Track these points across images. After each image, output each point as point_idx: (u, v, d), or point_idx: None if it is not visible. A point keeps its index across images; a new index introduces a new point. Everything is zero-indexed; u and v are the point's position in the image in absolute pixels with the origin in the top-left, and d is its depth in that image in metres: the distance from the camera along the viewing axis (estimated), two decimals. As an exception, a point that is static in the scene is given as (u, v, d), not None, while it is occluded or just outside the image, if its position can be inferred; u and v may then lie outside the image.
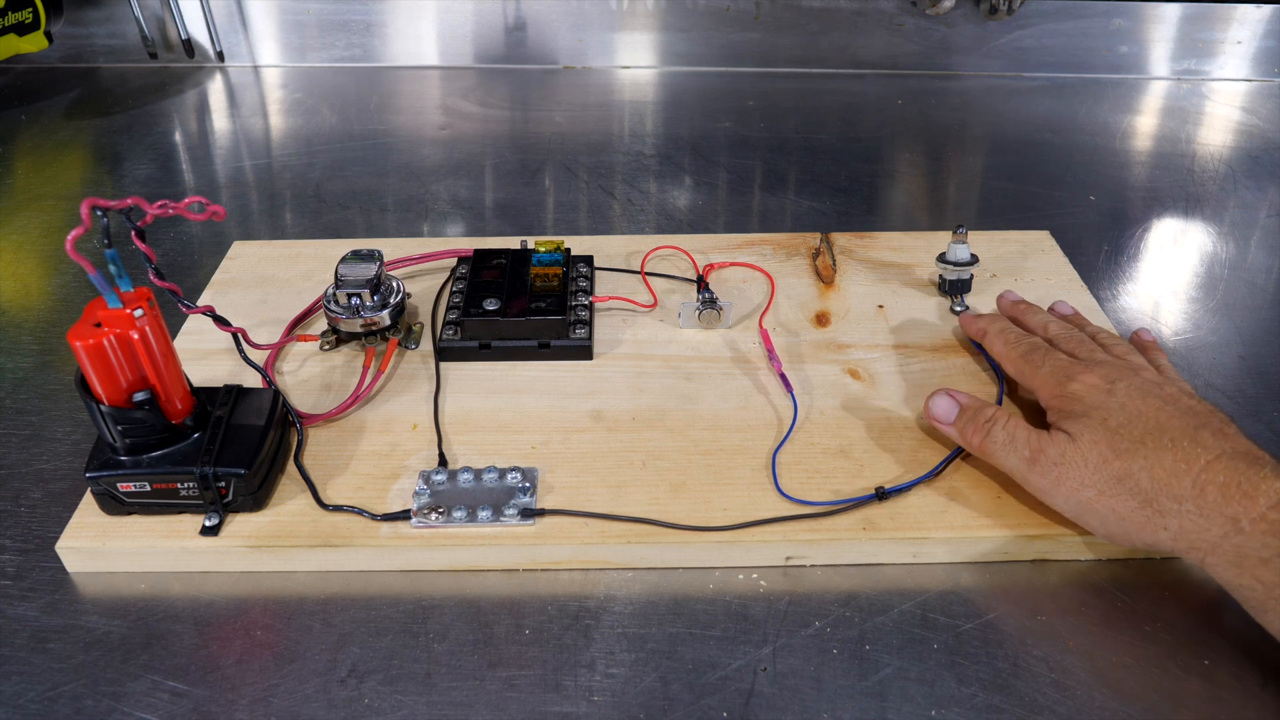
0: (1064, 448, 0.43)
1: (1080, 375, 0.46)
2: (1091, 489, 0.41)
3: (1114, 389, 0.44)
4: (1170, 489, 0.40)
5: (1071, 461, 0.42)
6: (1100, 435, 0.42)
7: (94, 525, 0.45)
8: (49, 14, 0.93)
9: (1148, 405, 0.43)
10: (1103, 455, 0.41)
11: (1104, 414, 0.43)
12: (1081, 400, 0.44)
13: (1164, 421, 0.42)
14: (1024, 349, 0.50)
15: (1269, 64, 0.99)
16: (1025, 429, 0.45)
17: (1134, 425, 0.42)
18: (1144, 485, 0.40)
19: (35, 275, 0.68)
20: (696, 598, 0.44)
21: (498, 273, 0.59)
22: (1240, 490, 0.38)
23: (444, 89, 0.98)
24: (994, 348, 0.52)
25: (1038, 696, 0.40)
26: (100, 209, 0.39)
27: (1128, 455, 0.41)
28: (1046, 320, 0.53)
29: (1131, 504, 0.40)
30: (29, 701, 0.39)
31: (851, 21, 0.99)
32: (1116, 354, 0.48)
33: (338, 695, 0.40)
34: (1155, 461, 0.40)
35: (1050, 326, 0.52)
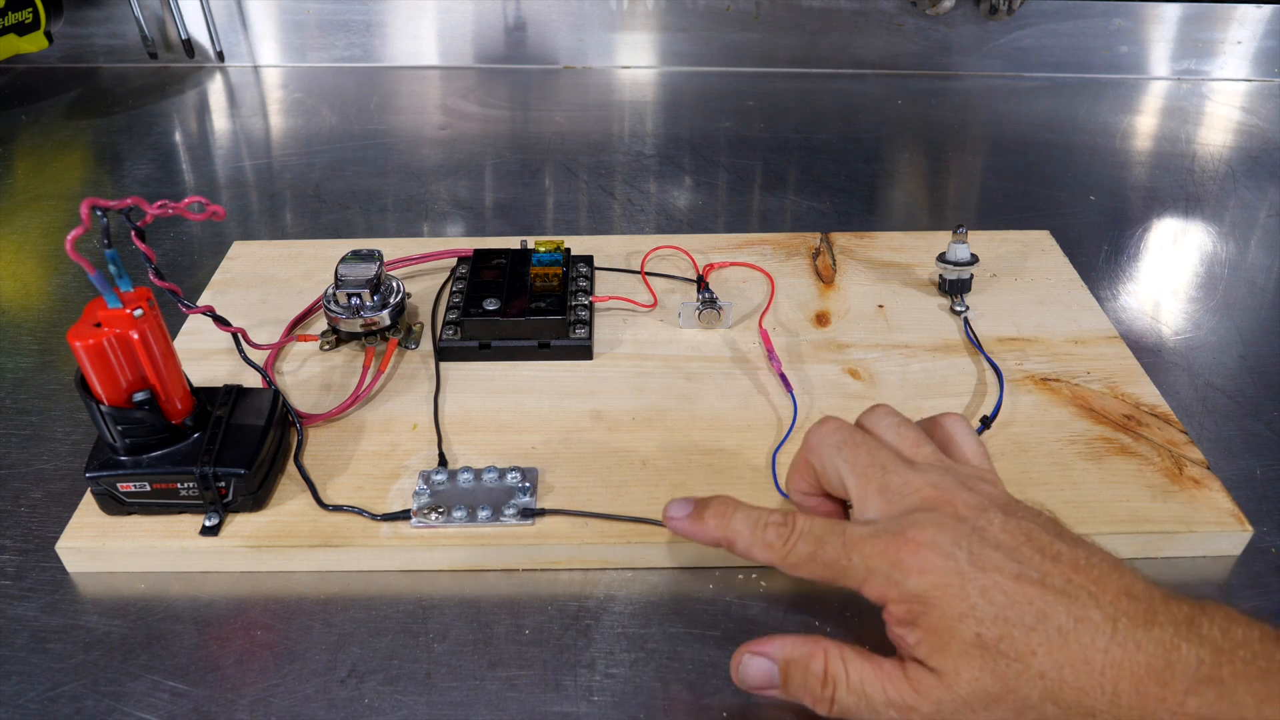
0: (938, 697, 0.32)
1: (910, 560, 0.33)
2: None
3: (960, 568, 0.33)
4: (1082, 704, 0.31)
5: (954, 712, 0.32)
6: (977, 661, 0.32)
7: (94, 525, 0.45)
8: (49, 14, 0.93)
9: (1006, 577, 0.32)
10: (989, 691, 0.32)
11: (972, 622, 0.32)
12: (932, 606, 0.33)
13: (1039, 603, 0.32)
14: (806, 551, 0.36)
15: (1269, 64, 0.99)
16: (878, 683, 0.34)
17: (1011, 626, 0.32)
18: (1050, 713, 0.31)
19: (35, 275, 0.68)
20: (696, 598, 0.44)
21: (498, 273, 0.59)
22: (1154, 679, 0.31)
23: (444, 89, 0.98)
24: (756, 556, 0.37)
25: (1038, 696, 0.39)
26: (100, 209, 0.39)
27: (1021, 679, 0.31)
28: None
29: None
30: (29, 701, 0.39)
31: (851, 21, 0.99)
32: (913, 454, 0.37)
33: (338, 695, 0.40)
34: (1054, 677, 0.31)
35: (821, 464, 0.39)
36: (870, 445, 0.38)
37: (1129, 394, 0.53)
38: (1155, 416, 0.51)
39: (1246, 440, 0.53)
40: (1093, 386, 0.54)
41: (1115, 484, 0.47)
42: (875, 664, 0.34)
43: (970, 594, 0.32)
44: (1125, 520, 0.45)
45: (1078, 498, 0.46)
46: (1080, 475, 0.48)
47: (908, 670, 0.34)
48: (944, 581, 0.33)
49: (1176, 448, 0.49)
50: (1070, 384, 0.54)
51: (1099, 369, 0.55)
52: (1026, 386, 0.53)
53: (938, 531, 0.34)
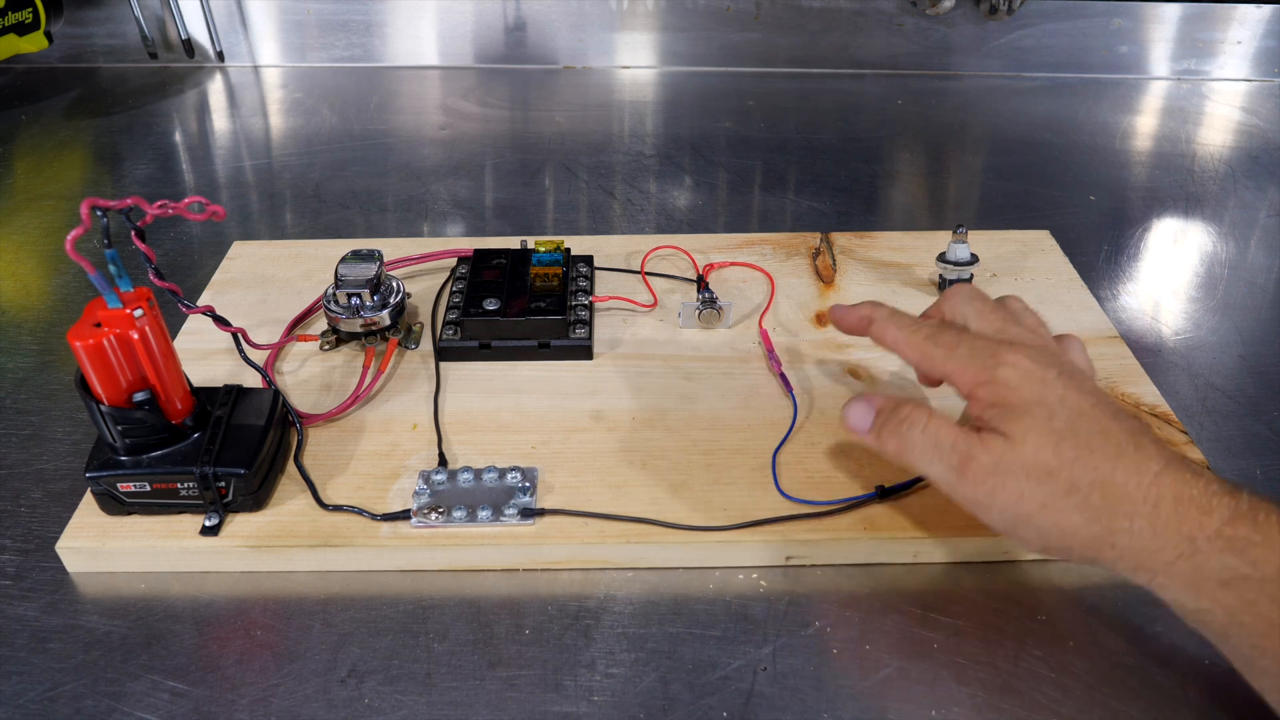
0: (1000, 454, 0.37)
1: (1009, 357, 0.38)
2: (1033, 502, 0.36)
3: (1049, 378, 0.38)
4: (1123, 505, 0.35)
5: (1010, 470, 0.37)
6: (1045, 439, 0.36)
7: (94, 525, 0.45)
8: (49, 14, 0.93)
9: (1086, 402, 0.37)
10: (1048, 464, 0.36)
11: (1046, 411, 0.37)
12: (1015, 391, 0.37)
13: (1108, 425, 0.37)
14: (928, 330, 0.42)
15: (1269, 64, 0.99)
16: (951, 431, 0.39)
17: (1079, 427, 0.36)
18: (1094, 500, 0.36)
19: (35, 275, 0.68)
20: (696, 598, 0.44)
21: (498, 273, 0.59)
22: (1195, 505, 0.35)
23: (444, 89, 0.98)
24: (886, 335, 0.43)
25: (1038, 696, 0.40)
26: (100, 209, 0.39)
27: (1077, 465, 0.36)
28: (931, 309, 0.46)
29: (1078, 520, 0.36)
30: (29, 701, 0.39)
31: (851, 21, 0.99)
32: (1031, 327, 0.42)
33: (338, 695, 0.40)
34: (1107, 473, 0.36)
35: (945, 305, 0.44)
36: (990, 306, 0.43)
37: (1129, 394, 0.53)
38: (1155, 416, 0.51)
39: (1246, 440, 0.53)
40: (1093, 386, 0.54)
41: (1115, 484, 0.47)
42: (953, 423, 0.39)
43: (1050, 396, 0.37)
44: (1125, 520, 0.45)
45: (1078, 498, 0.46)
46: (1080, 475, 0.48)
47: (981, 432, 0.38)
48: (1031, 379, 0.38)
49: (1177, 448, 0.49)
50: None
51: (1099, 369, 0.55)
52: (1026, 386, 0.53)
53: (1038, 354, 0.39)
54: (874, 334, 0.44)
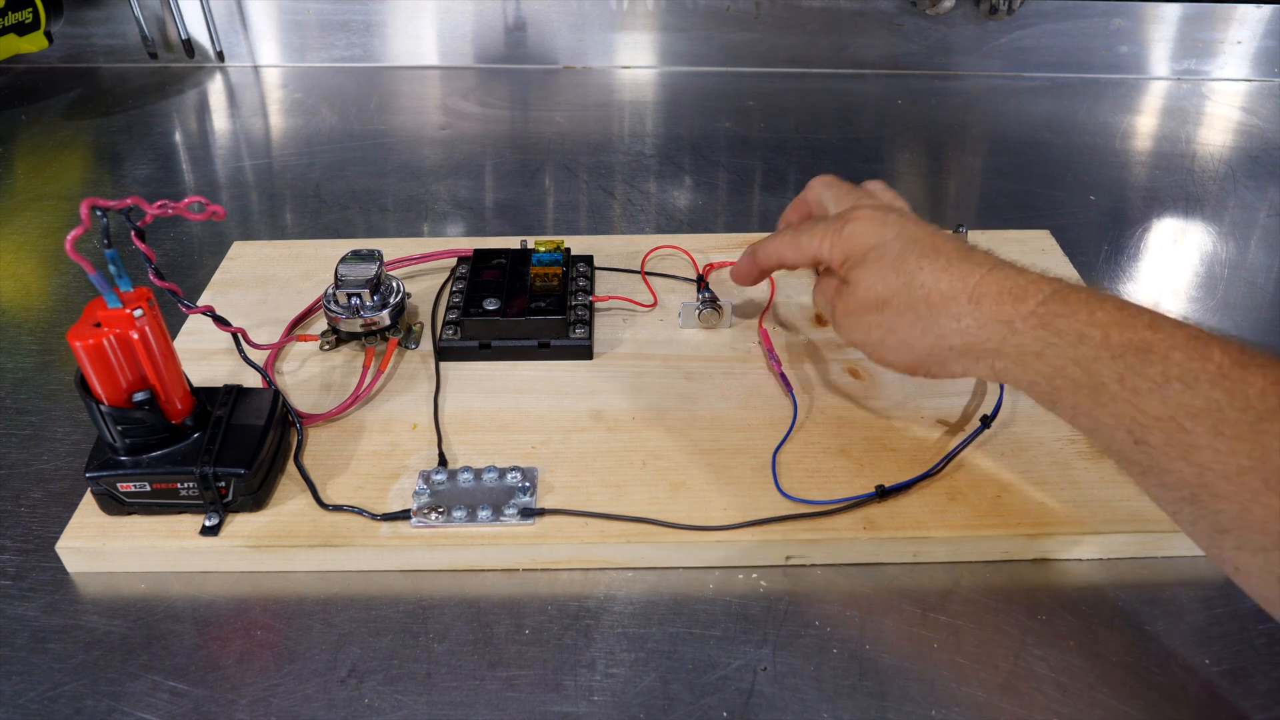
0: (847, 298, 0.44)
1: (854, 214, 0.46)
2: (879, 329, 0.43)
3: (888, 219, 0.45)
4: (949, 308, 0.41)
5: (856, 310, 0.44)
6: (878, 273, 0.43)
7: (94, 525, 0.45)
8: (49, 14, 0.93)
9: (923, 231, 0.44)
10: (879, 295, 0.43)
11: (881, 249, 0.44)
12: (860, 239, 0.45)
13: (940, 244, 0.43)
14: (793, 229, 0.49)
15: (1269, 64, 0.99)
16: (826, 285, 0.47)
17: (909, 252, 0.43)
18: (922, 310, 0.42)
19: (35, 275, 0.68)
20: (696, 598, 0.44)
21: (498, 273, 0.59)
22: (1011, 295, 0.40)
23: (444, 89, 0.98)
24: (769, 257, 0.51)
25: (1038, 696, 0.40)
26: (100, 209, 0.39)
27: (905, 288, 0.42)
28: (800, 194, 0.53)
29: (916, 332, 0.42)
30: (29, 701, 0.39)
31: (851, 21, 0.99)
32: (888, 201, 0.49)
33: (338, 695, 0.40)
34: (932, 284, 0.41)
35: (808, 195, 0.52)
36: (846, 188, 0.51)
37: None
38: (1155, 416, 0.51)
39: (1246, 440, 0.53)
40: (1093, 386, 0.53)
41: (1115, 483, 0.47)
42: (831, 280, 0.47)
43: (888, 234, 0.44)
44: (1125, 520, 0.45)
45: (1078, 497, 0.46)
46: (1080, 475, 0.48)
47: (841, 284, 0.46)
48: (872, 223, 0.45)
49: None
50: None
51: (1099, 369, 0.55)
52: (1026, 386, 0.53)
53: (875, 211, 0.46)
54: (760, 263, 0.52)
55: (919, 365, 0.43)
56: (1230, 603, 0.43)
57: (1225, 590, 0.44)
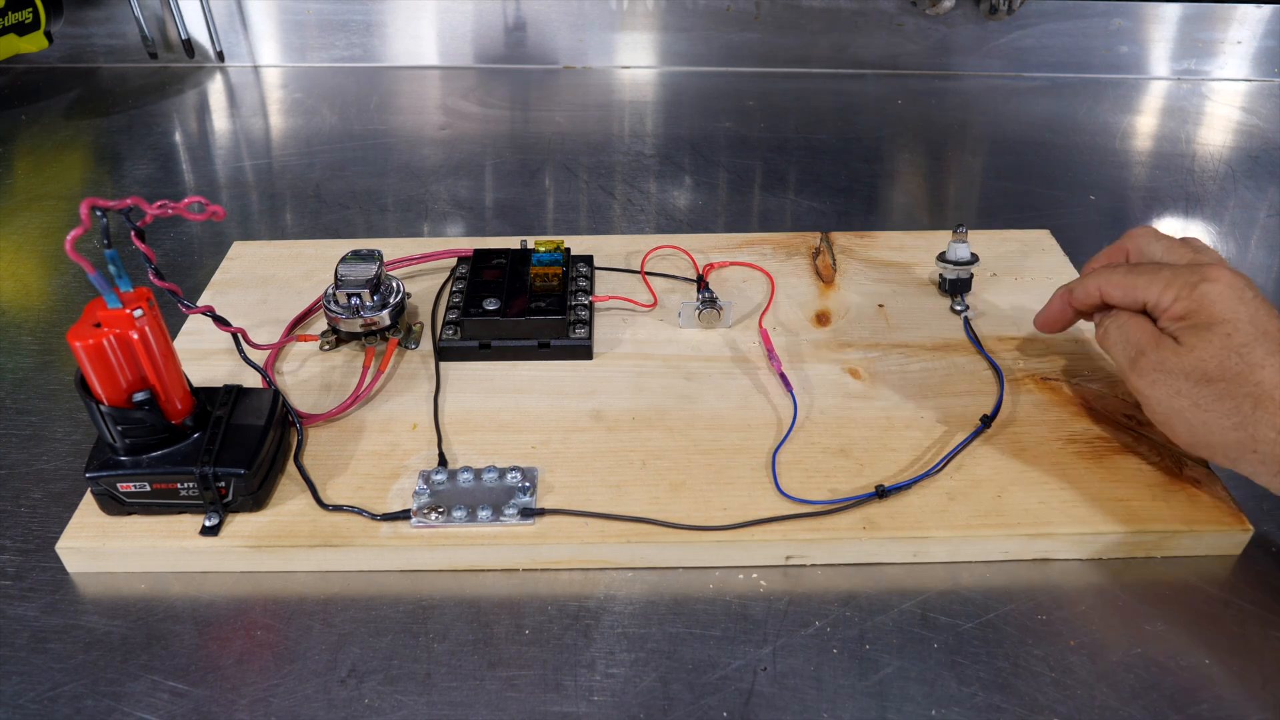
0: (1168, 355, 0.42)
1: (1212, 273, 0.42)
2: (1186, 399, 0.41)
3: (1247, 296, 0.41)
4: (1271, 416, 0.39)
5: (1172, 370, 0.41)
6: (1216, 351, 0.40)
7: (94, 525, 0.45)
8: (49, 14, 0.93)
9: (1273, 320, 0.41)
10: (1208, 372, 0.40)
11: (1230, 325, 0.41)
12: (1213, 304, 0.41)
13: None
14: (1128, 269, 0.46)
15: (1269, 64, 0.99)
16: (1140, 327, 0.44)
17: (1261, 341, 0.40)
18: (1245, 408, 0.39)
19: (35, 275, 0.68)
20: (696, 598, 0.44)
21: (498, 273, 0.59)
22: None
23: (444, 89, 0.98)
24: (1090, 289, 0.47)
25: (1038, 696, 0.40)
26: (100, 209, 0.39)
27: (1238, 377, 0.40)
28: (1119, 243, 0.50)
29: (1227, 423, 0.40)
30: (29, 701, 0.39)
31: (851, 21, 0.99)
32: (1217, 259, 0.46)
33: (338, 695, 0.40)
34: (1271, 384, 0.39)
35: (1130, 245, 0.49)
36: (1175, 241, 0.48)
37: (1129, 394, 0.53)
38: (1155, 416, 0.51)
39: (1246, 440, 0.53)
40: (1093, 386, 0.54)
41: (1115, 483, 0.47)
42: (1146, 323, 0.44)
43: (1242, 312, 0.41)
44: (1125, 520, 0.45)
45: (1078, 497, 0.46)
46: (1080, 475, 0.48)
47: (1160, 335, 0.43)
48: (1232, 292, 0.41)
49: (1176, 447, 0.49)
50: (1070, 383, 0.54)
51: (1099, 369, 0.55)
52: (1027, 386, 0.53)
53: (1236, 279, 0.42)
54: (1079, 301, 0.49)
55: (1206, 448, 0.42)
56: (1231, 603, 0.43)
57: (1226, 591, 0.44)
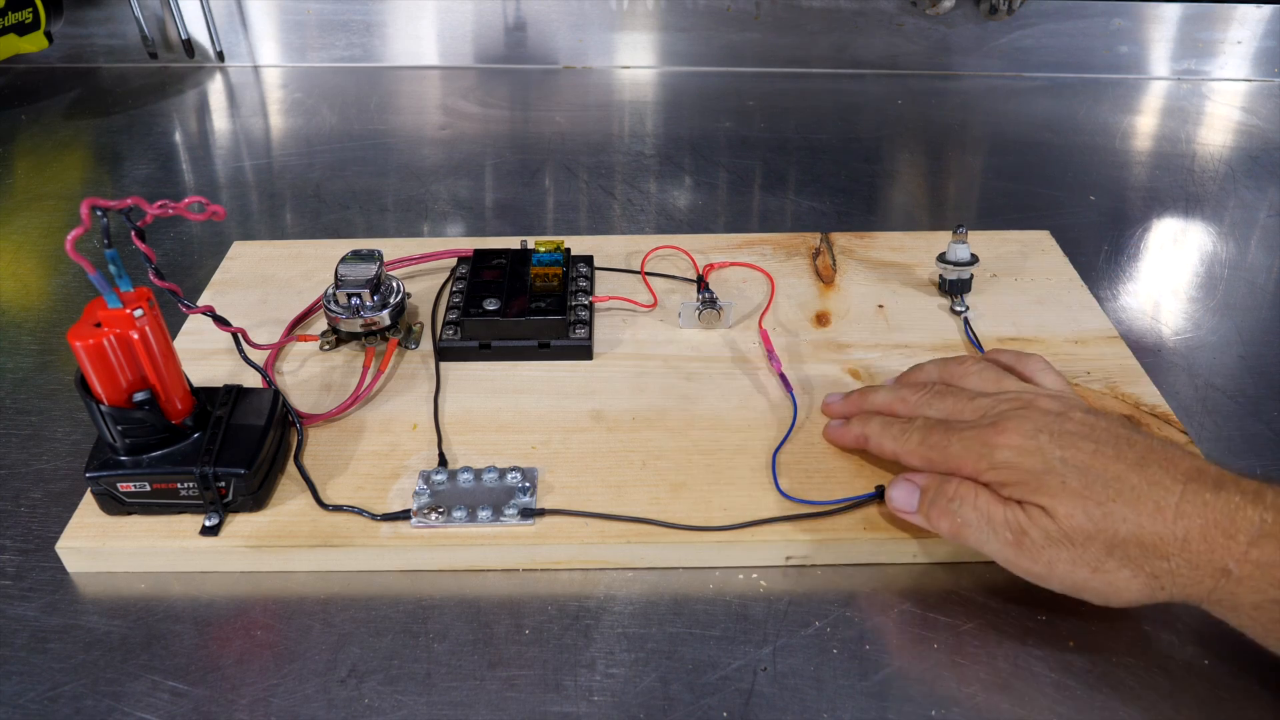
0: (1045, 526, 0.39)
1: (997, 440, 0.41)
2: (1085, 568, 0.38)
3: (1041, 445, 0.40)
4: (1157, 549, 0.37)
5: (1058, 541, 0.38)
6: (1073, 503, 0.38)
7: (94, 525, 0.45)
8: (49, 14, 0.93)
9: (1085, 454, 0.39)
10: (1084, 528, 0.38)
11: (1057, 477, 0.39)
12: (1019, 467, 0.40)
13: (1115, 470, 0.38)
14: (917, 439, 0.44)
15: (1269, 64, 0.99)
16: (999, 505, 0.40)
17: (1092, 483, 0.38)
18: (1133, 553, 0.37)
19: (35, 275, 0.68)
20: (696, 598, 0.44)
21: (498, 273, 0.59)
22: (1220, 530, 0.36)
23: (444, 89, 0.98)
24: (885, 449, 0.46)
25: (1038, 696, 0.39)
26: (100, 209, 0.39)
27: (1106, 520, 0.37)
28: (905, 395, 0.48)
29: (1126, 574, 0.38)
30: (29, 701, 0.39)
31: (851, 21, 0.99)
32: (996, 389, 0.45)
33: (338, 695, 0.40)
34: (1134, 521, 0.37)
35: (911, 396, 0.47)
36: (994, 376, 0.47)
37: (1129, 394, 0.53)
38: (1155, 416, 0.51)
39: (1246, 440, 0.53)
40: (1093, 386, 0.54)
41: (1115, 484, 0.47)
42: (1001, 497, 0.40)
43: (1051, 459, 0.39)
44: (1125, 520, 0.45)
45: (1078, 498, 0.46)
46: (1080, 475, 0.48)
47: (1023, 505, 0.39)
48: (1025, 450, 0.40)
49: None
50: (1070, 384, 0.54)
51: (1099, 369, 0.55)
52: (1026, 386, 0.53)
53: (1022, 421, 0.41)
54: (872, 449, 0.47)
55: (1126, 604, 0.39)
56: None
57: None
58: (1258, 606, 0.36)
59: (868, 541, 0.45)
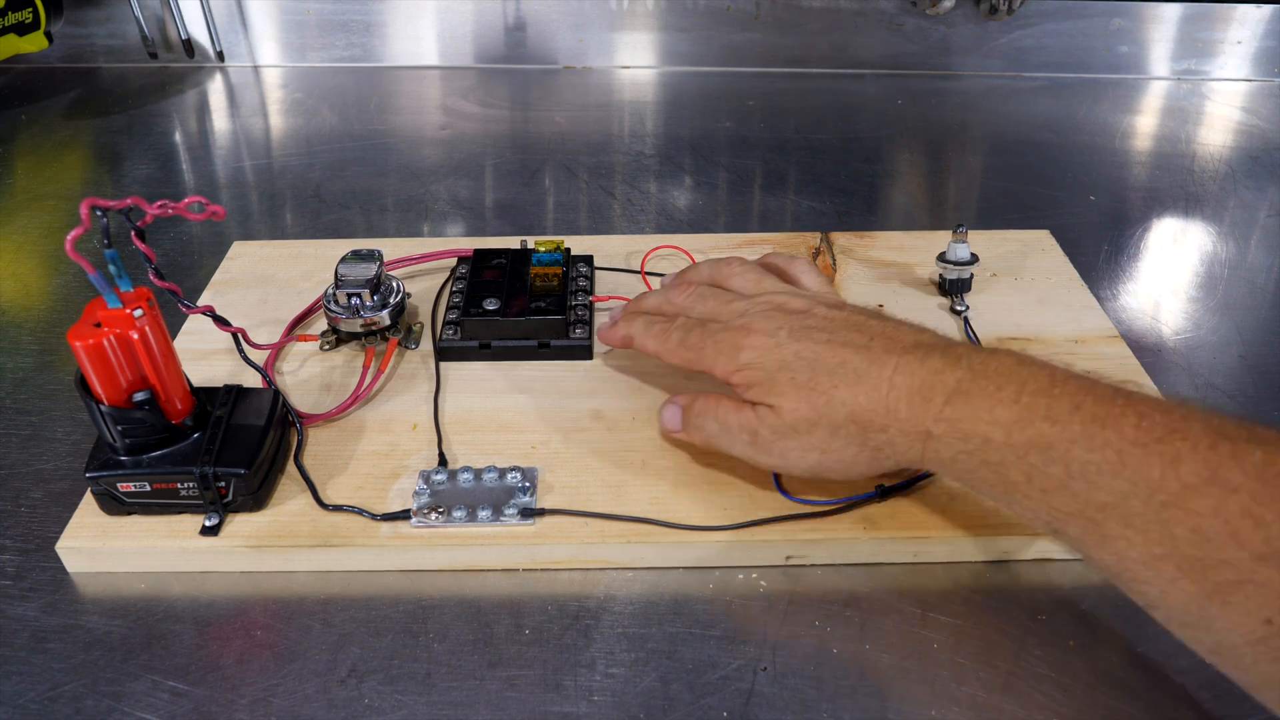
0: (773, 422, 0.42)
1: (744, 341, 0.44)
2: (815, 451, 0.42)
3: (780, 341, 0.43)
4: (873, 422, 0.40)
5: (785, 433, 0.42)
6: (798, 396, 0.41)
7: (94, 525, 0.45)
8: (49, 14, 0.93)
9: (817, 344, 0.42)
10: (807, 417, 0.41)
11: (789, 373, 0.42)
12: (759, 367, 0.43)
13: (842, 356, 0.41)
14: (677, 339, 0.47)
15: (1269, 64, 0.99)
16: (734, 411, 0.44)
17: (818, 372, 0.41)
18: (854, 431, 0.40)
19: (35, 275, 0.68)
20: (696, 598, 0.44)
21: (498, 273, 0.59)
22: (920, 395, 0.39)
23: (444, 89, 0.98)
24: (648, 348, 0.49)
25: (1038, 696, 0.40)
26: (100, 209, 0.39)
27: (828, 406, 0.41)
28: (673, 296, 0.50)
29: (853, 450, 0.41)
30: (29, 701, 0.39)
31: (851, 21, 0.99)
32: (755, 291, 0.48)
33: (338, 695, 0.40)
34: (852, 400, 0.40)
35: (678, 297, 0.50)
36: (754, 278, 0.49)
37: (1129, 394, 0.53)
38: (1155, 416, 0.51)
39: (1246, 440, 0.53)
40: (1093, 386, 0.53)
41: (1115, 484, 0.47)
42: (738, 403, 0.44)
43: (786, 356, 0.42)
44: (1125, 520, 0.45)
45: (1078, 498, 0.46)
46: (1080, 475, 0.48)
47: (756, 406, 0.43)
48: (766, 349, 0.43)
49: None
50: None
51: (1099, 369, 0.54)
52: (1026, 386, 0.53)
53: (768, 321, 0.44)
54: (639, 348, 0.50)
55: (863, 477, 0.43)
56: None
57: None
58: (954, 460, 0.38)
59: (868, 541, 0.45)
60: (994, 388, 0.37)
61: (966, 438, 0.37)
